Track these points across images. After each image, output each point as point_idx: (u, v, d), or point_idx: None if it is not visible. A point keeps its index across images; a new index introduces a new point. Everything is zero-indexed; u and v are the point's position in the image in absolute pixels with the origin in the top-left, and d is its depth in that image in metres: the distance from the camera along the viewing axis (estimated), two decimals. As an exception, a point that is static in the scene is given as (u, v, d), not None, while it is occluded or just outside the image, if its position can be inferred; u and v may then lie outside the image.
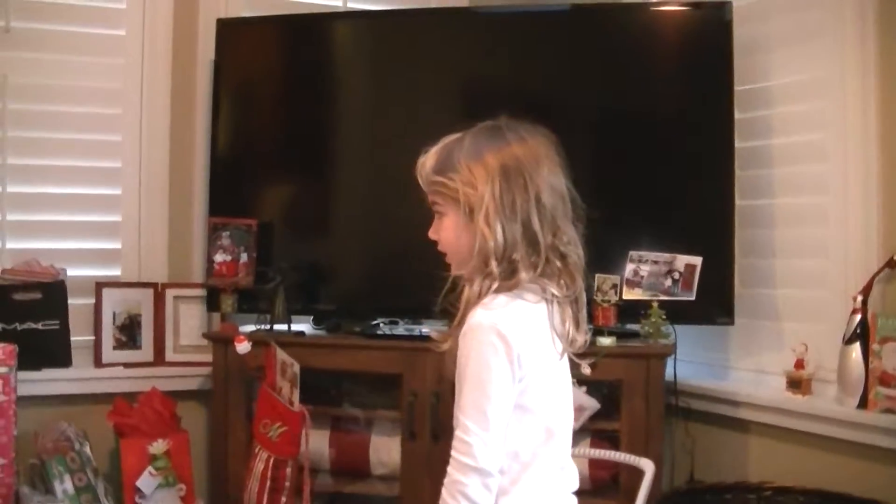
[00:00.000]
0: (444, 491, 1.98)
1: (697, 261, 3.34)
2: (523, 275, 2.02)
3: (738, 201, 3.48)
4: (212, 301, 3.78)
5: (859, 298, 3.12)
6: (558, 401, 2.15)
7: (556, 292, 2.06)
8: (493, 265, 2.01)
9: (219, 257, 3.70)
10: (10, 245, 3.74)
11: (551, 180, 2.06)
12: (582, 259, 2.10)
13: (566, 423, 2.19)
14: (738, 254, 3.47)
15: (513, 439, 2.02)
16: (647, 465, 2.96)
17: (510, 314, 2.01)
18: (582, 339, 2.16)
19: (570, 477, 2.21)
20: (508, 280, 2.02)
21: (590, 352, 3.15)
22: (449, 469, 1.98)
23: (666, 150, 3.53)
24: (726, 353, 3.65)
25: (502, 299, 2.02)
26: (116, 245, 3.88)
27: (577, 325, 2.15)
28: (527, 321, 2.03)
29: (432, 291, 3.52)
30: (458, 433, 2.00)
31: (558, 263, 2.06)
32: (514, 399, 2.00)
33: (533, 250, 2.03)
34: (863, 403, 3.09)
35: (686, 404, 3.53)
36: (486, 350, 1.97)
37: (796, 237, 3.46)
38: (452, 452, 1.99)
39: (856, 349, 3.11)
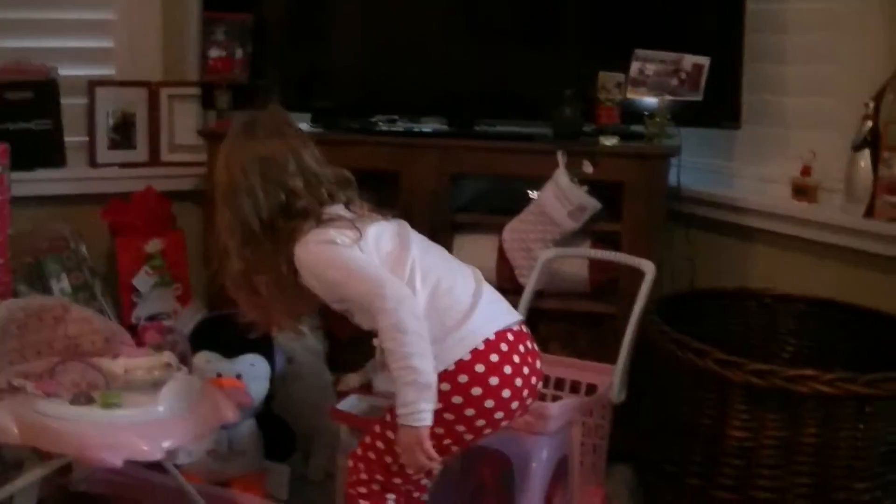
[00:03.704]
0: None
1: (705, 60, 3.24)
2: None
3: (749, 4, 3.35)
4: (207, 99, 3.71)
5: (871, 105, 3.04)
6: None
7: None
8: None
9: (213, 53, 3.61)
10: (0, 44, 3.63)
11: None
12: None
13: None
14: (748, 58, 3.36)
15: None
16: (648, 266, 2.94)
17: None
18: None
19: None
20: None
21: (590, 150, 3.19)
22: None
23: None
24: (731, 160, 3.57)
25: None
26: (109, 43, 3.78)
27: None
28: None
29: (431, 89, 3.50)
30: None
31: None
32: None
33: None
34: (869, 212, 3.04)
35: (689, 210, 3.47)
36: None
37: (808, 42, 3.35)
38: None
39: (864, 157, 3.04)
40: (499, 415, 2.27)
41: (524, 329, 2.39)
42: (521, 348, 2.32)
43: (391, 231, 2.39)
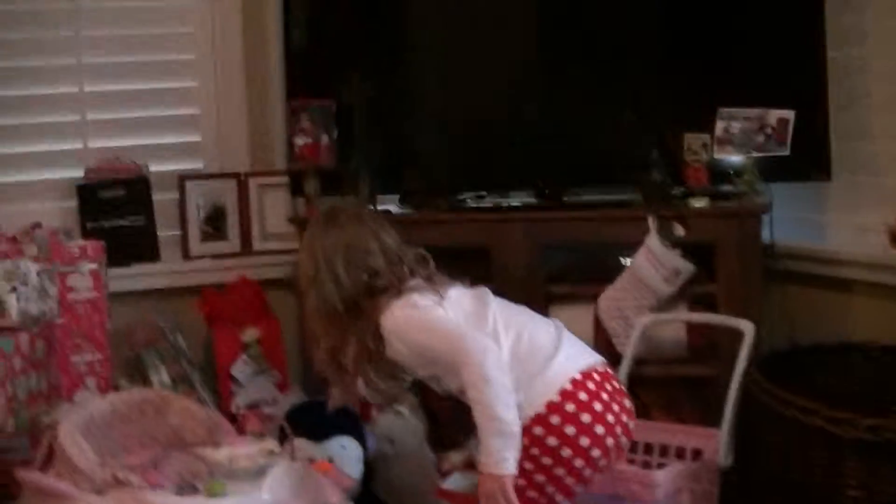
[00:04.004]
0: None
1: (790, 114, 3.20)
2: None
3: (830, 52, 3.33)
4: (295, 186, 3.74)
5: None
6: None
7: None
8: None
9: (300, 140, 3.64)
10: (92, 144, 3.75)
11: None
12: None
13: None
14: (834, 107, 3.33)
15: None
16: (747, 326, 2.92)
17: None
18: None
19: None
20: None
21: (680, 213, 3.17)
22: None
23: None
24: (824, 212, 3.51)
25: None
26: (197, 138, 3.87)
27: None
28: None
29: (517, 162, 3.49)
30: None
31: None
32: None
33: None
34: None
35: (783, 266, 3.41)
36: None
37: (893, 88, 3.29)
38: None
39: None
40: (595, 452, 2.31)
41: (609, 370, 2.46)
42: (608, 387, 2.38)
43: (471, 294, 2.51)
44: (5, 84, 3.65)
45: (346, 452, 3.06)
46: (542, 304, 3.29)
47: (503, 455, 2.22)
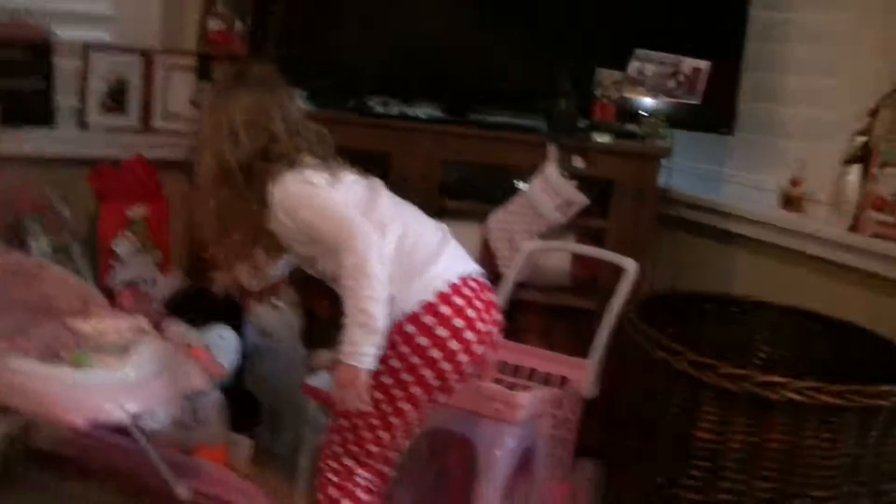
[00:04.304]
0: None
1: (705, 65, 3.22)
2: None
3: (753, 11, 3.33)
4: (203, 69, 3.68)
5: (865, 120, 3.02)
6: None
7: None
8: None
9: (213, 24, 3.59)
10: (-1, 0, 3.62)
11: None
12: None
13: None
14: (748, 66, 3.33)
15: None
16: (629, 264, 2.93)
17: None
18: None
19: None
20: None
21: (582, 146, 3.18)
22: None
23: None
24: (723, 166, 3.56)
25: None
26: (107, 8, 3.77)
27: None
28: None
29: (429, 73, 3.46)
30: None
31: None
32: None
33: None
34: (854, 227, 3.02)
35: (676, 212, 3.47)
36: None
37: (808, 54, 3.32)
38: None
39: (854, 171, 3.02)
40: (463, 357, 2.32)
41: (486, 282, 2.46)
42: (483, 297, 2.39)
43: (364, 183, 2.48)
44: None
45: (224, 343, 3.07)
46: (434, 216, 3.28)
47: (364, 349, 2.22)
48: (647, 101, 3.29)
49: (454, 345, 2.30)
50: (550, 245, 3.21)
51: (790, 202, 3.23)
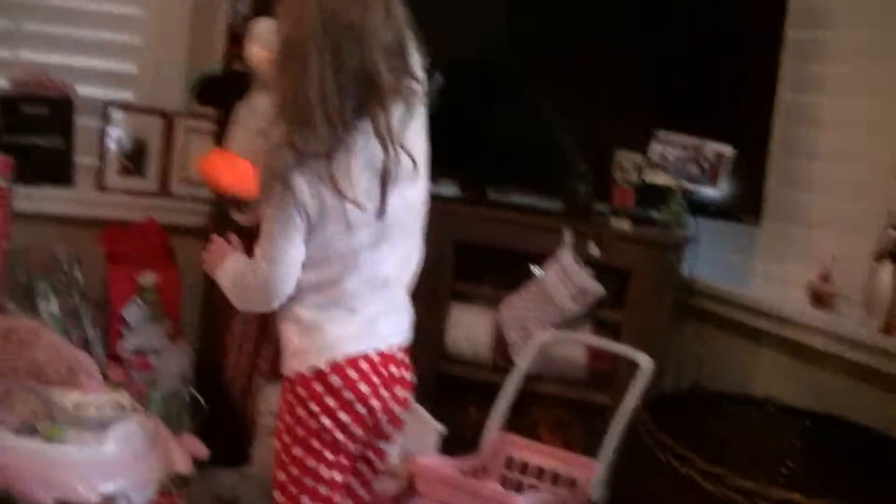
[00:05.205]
0: None
1: (728, 150, 3.12)
2: None
3: (781, 95, 3.22)
4: (221, 136, 3.59)
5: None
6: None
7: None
8: None
9: (231, 90, 3.53)
10: (24, 55, 3.60)
11: None
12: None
13: None
14: (776, 151, 3.23)
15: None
16: (645, 360, 2.85)
17: None
18: None
19: None
20: None
21: (598, 231, 3.07)
22: None
23: (710, 25, 3.26)
24: (750, 256, 3.42)
25: None
26: (132, 68, 3.74)
27: None
28: None
29: (446, 150, 3.39)
30: None
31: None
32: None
33: None
34: (888, 328, 2.84)
35: (700, 305, 3.34)
36: None
37: (840, 141, 3.19)
38: None
39: (886, 269, 2.87)
40: (356, 430, 2.20)
41: (400, 355, 2.29)
42: (385, 372, 2.23)
43: (375, 182, 2.14)
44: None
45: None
46: (446, 299, 3.25)
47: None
48: (668, 186, 3.18)
49: (344, 416, 2.16)
50: (565, 336, 3.12)
51: (819, 299, 3.08)
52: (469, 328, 3.21)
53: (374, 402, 2.19)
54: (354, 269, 2.18)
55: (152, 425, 2.60)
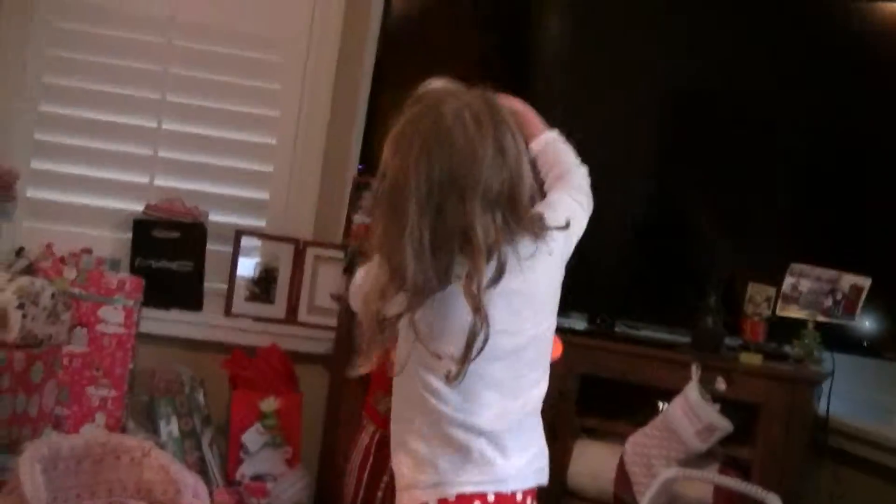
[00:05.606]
0: None
1: (866, 282, 2.99)
2: None
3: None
4: (351, 266, 3.60)
5: None
6: None
7: None
8: None
9: (358, 218, 3.54)
10: (159, 181, 3.70)
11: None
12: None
13: None
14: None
15: None
16: (774, 501, 2.66)
17: None
18: None
19: None
20: None
21: (727, 366, 2.95)
22: None
23: (848, 154, 3.19)
24: (891, 393, 3.27)
25: None
26: (264, 195, 3.79)
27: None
28: None
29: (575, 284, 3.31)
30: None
31: None
32: None
33: None
34: None
35: (836, 444, 3.16)
36: None
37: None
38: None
39: None
40: None
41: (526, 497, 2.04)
42: None
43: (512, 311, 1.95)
44: (90, 106, 3.64)
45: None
46: (570, 434, 3.17)
47: None
48: (803, 320, 3.06)
49: None
50: (689, 474, 2.97)
51: (970, 441, 2.90)
52: (593, 464, 3.10)
53: None
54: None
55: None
